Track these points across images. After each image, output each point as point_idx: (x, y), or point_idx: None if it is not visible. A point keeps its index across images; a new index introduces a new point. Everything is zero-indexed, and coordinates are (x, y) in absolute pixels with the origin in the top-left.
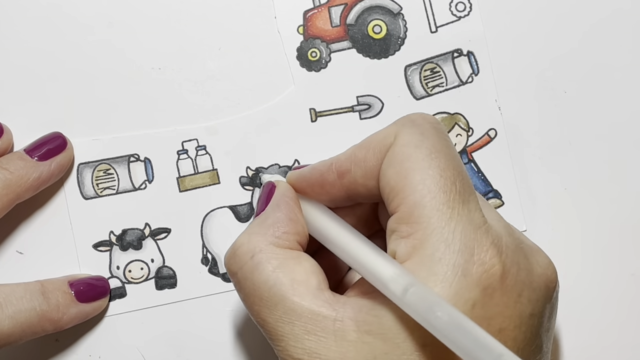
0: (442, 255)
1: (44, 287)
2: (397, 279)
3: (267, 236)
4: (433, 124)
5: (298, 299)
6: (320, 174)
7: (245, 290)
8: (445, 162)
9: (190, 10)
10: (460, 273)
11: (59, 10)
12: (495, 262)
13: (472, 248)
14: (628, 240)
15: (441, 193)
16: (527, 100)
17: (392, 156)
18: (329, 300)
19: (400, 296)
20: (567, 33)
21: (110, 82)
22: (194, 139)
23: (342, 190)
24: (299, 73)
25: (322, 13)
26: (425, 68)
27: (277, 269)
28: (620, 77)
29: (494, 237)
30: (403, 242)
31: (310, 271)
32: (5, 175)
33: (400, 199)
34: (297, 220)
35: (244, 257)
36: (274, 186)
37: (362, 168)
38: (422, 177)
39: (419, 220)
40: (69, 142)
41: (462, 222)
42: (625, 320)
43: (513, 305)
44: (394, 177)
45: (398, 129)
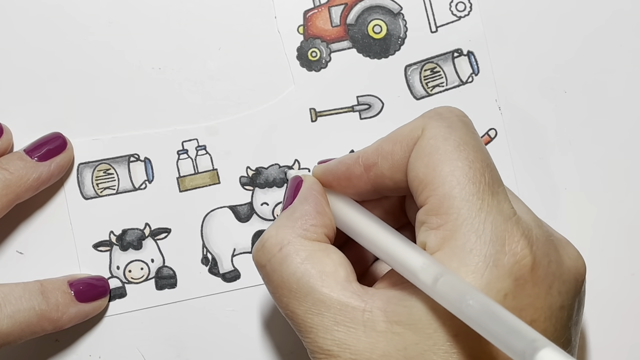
0: (473, 245)
1: (43, 287)
2: (427, 268)
3: (295, 229)
4: (460, 117)
5: (327, 290)
6: (347, 167)
7: (274, 282)
8: (473, 153)
9: (190, 10)
10: (492, 263)
11: (59, 10)
12: (526, 253)
13: (503, 239)
14: (628, 240)
15: (470, 184)
16: (527, 100)
17: (420, 149)
18: (357, 292)
19: (431, 285)
20: (568, 33)
21: (111, 82)
22: (194, 139)
23: (368, 184)
24: (299, 73)
25: (322, 13)
26: (426, 68)
27: (305, 260)
28: (620, 77)
29: (524, 229)
30: (433, 233)
31: (338, 263)
32: (4, 176)
33: (429, 190)
34: (324, 213)
35: (272, 249)
36: (301, 180)
37: (389, 161)
38: (451, 169)
39: (449, 212)
40: (69, 143)
41: (492, 213)
42: (625, 320)
43: (544, 297)
44: (423, 169)
45: (425, 121)
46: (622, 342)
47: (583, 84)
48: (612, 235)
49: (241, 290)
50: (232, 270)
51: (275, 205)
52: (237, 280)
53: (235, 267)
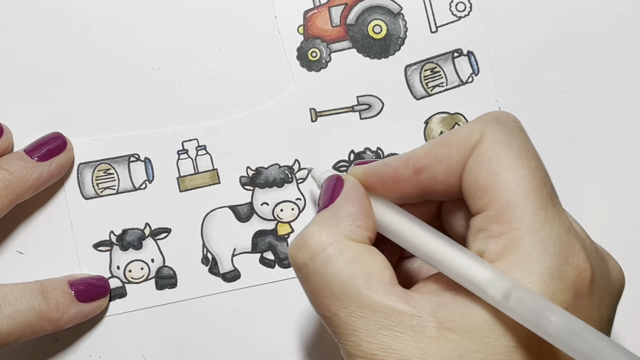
0: (539, 256)
1: (43, 287)
2: (495, 282)
3: (341, 229)
4: (517, 123)
5: (373, 294)
6: (395, 169)
7: (315, 283)
8: (535, 162)
9: (190, 10)
10: (557, 276)
11: (59, 10)
12: (587, 267)
13: (567, 251)
14: (628, 241)
15: (534, 193)
16: (527, 100)
17: (480, 153)
18: (403, 296)
19: (502, 300)
20: (568, 33)
21: (111, 82)
22: (194, 139)
23: (417, 188)
24: (299, 73)
25: (322, 13)
26: (426, 68)
27: (351, 262)
28: (620, 77)
29: (582, 241)
30: (493, 241)
31: (384, 266)
32: (4, 176)
33: (489, 197)
34: (370, 215)
35: (315, 248)
36: (341, 179)
37: (443, 165)
38: (515, 177)
39: (512, 220)
40: (69, 143)
41: (556, 224)
42: (625, 320)
43: (597, 309)
44: (484, 174)
45: (484, 126)
46: (621, 342)
47: (583, 84)
48: (612, 235)
49: (241, 290)
50: (232, 270)
51: (275, 205)
52: (237, 280)
53: (235, 267)
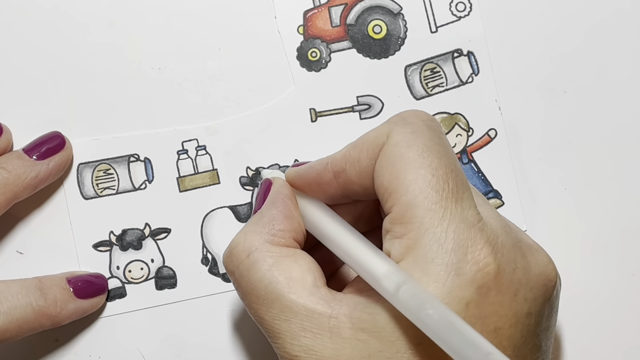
0: (435, 255)
1: (41, 283)
2: (390, 276)
3: (263, 234)
4: (425, 121)
5: (294, 297)
6: (317, 173)
7: (243, 288)
8: (437, 160)
9: (190, 10)
10: (454, 272)
11: (59, 10)
12: (490, 261)
13: (466, 247)
14: (628, 240)
15: (433, 192)
16: (527, 100)
17: (384, 156)
18: (325, 297)
19: (393, 293)
20: (568, 33)
21: (110, 82)
22: (194, 139)
23: (338, 189)
24: (299, 73)
25: (322, 13)
26: (426, 68)
27: (272, 267)
28: (620, 77)
29: (489, 235)
30: (397, 242)
31: (306, 268)
32: (2, 174)
33: (393, 199)
34: (292, 217)
35: (240, 255)
36: (270, 183)
37: (356, 168)
38: (414, 177)
39: (412, 221)
40: (67, 142)
41: (455, 221)
42: (625, 320)
43: (509, 304)
44: (387, 177)
45: (390, 127)
46: (621, 342)
47: (583, 84)
48: (612, 235)
49: None
50: None
51: None
52: None
53: None
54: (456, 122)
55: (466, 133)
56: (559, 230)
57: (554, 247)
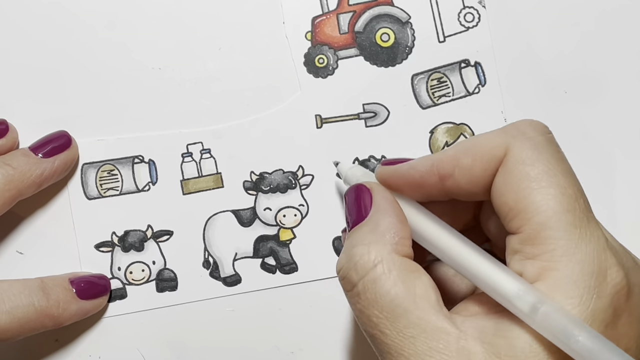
0: (577, 277)
1: (44, 284)
2: (523, 295)
3: (386, 244)
4: (545, 135)
5: (422, 314)
6: (421, 175)
7: (366, 301)
8: (564, 179)
9: (201, 13)
10: (596, 295)
11: (66, 10)
12: (625, 283)
13: (605, 269)
14: (627, 241)
15: (566, 213)
16: (534, 111)
17: (507, 174)
18: (449, 317)
19: (529, 314)
20: (578, 46)
21: (117, 83)
22: (199, 142)
23: (442, 191)
24: (306, 79)
25: (331, 20)
26: (432, 77)
27: (399, 281)
28: (620, 77)
29: (618, 257)
30: (529, 263)
31: (429, 285)
32: (7, 171)
33: (521, 220)
34: (406, 223)
35: (366, 267)
36: (368, 189)
37: (467, 176)
38: (545, 198)
39: (547, 242)
40: (73, 141)
41: (591, 243)
42: None
43: (637, 324)
44: (513, 196)
45: (509, 141)
46: None
47: (583, 83)
48: None
49: (241, 295)
50: (233, 274)
51: (278, 211)
52: (238, 285)
53: (236, 272)
54: (462, 132)
55: None
56: None
57: None
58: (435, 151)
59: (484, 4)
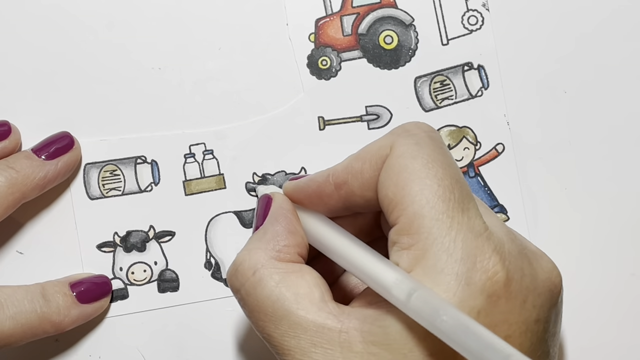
0: (445, 264)
1: (44, 290)
2: (399, 284)
3: (268, 250)
4: (428, 133)
5: (303, 313)
6: (318, 185)
7: (250, 306)
8: (442, 170)
9: (205, 15)
10: (464, 282)
11: (66, 11)
12: (498, 269)
13: (475, 256)
14: (628, 240)
15: (440, 202)
16: (537, 115)
17: (388, 168)
18: (333, 312)
19: (405, 301)
20: (579, 51)
21: (119, 83)
22: (202, 143)
23: (340, 202)
24: (309, 81)
25: (334, 22)
26: (435, 80)
27: (279, 283)
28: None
29: (496, 244)
30: (405, 253)
31: (313, 283)
32: (11, 174)
33: (399, 210)
34: (296, 232)
35: (246, 273)
36: (270, 199)
37: (359, 180)
38: (420, 188)
39: (420, 231)
40: (76, 142)
41: (462, 231)
42: (625, 320)
43: (518, 311)
44: (392, 188)
45: (393, 139)
46: (621, 342)
47: (583, 83)
48: (612, 235)
49: None
50: None
51: None
52: None
53: None
54: (464, 135)
55: (474, 147)
56: (558, 230)
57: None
58: None
59: (487, 7)
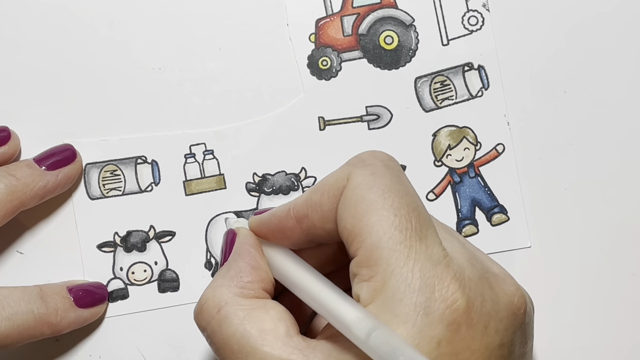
0: (403, 295)
1: (42, 292)
2: (359, 323)
3: (232, 287)
4: (384, 162)
5: (268, 349)
6: (279, 220)
7: (216, 344)
8: (398, 200)
9: (206, 14)
10: (423, 312)
11: (67, 11)
12: (457, 297)
13: (433, 285)
14: (628, 240)
15: (397, 232)
16: (537, 115)
17: (345, 199)
18: (298, 346)
19: (364, 340)
20: (580, 51)
21: (120, 84)
22: (202, 143)
23: (302, 235)
24: (309, 81)
25: (335, 22)
26: (436, 80)
27: (244, 320)
28: (620, 77)
29: (456, 271)
30: (365, 285)
31: (278, 318)
32: (11, 182)
33: (358, 242)
34: (259, 267)
35: (210, 311)
36: (234, 234)
37: (318, 212)
38: (377, 219)
39: (378, 263)
40: (78, 155)
41: (420, 260)
42: (625, 320)
43: (480, 337)
44: (350, 220)
45: (350, 170)
46: (621, 342)
47: (583, 83)
48: (612, 235)
49: None
50: None
51: None
52: None
53: None
54: (464, 135)
55: (474, 147)
56: (558, 230)
57: (553, 246)
58: (437, 154)
59: (488, 8)
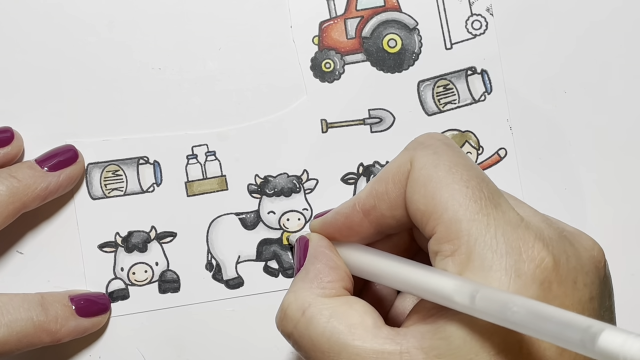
0: (492, 262)
1: (43, 299)
2: (460, 289)
3: (313, 289)
4: (442, 140)
5: (359, 343)
6: (345, 217)
7: (305, 347)
8: (466, 173)
9: (208, 15)
10: (514, 274)
11: (67, 12)
12: (544, 255)
13: (519, 247)
14: (628, 240)
15: (472, 203)
16: (540, 120)
17: (413, 182)
18: (389, 336)
19: (469, 304)
20: (583, 57)
21: (121, 84)
22: (204, 144)
23: (371, 227)
24: (312, 83)
25: (338, 25)
26: (438, 84)
27: (330, 318)
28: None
29: (536, 231)
30: (450, 260)
31: (364, 312)
32: (12, 183)
33: (434, 220)
34: (337, 267)
35: (295, 314)
36: (307, 240)
37: (386, 201)
38: (450, 194)
39: (459, 235)
40: (80, 156)
41: (501, 225)
42: (625, 320)
43: (571, 293)
44: (422, 201)
45: (411, 154)
46: None
47: (583, 83)
48: (612, 235)
49: (244, 298)
50: (236, 277)
51: (282, 215)
52: (241, 288)
53: (239, 274)
54: (467, 139)
55: (476, 151)
56: None
57: None
58: None
59: (491, 12)
